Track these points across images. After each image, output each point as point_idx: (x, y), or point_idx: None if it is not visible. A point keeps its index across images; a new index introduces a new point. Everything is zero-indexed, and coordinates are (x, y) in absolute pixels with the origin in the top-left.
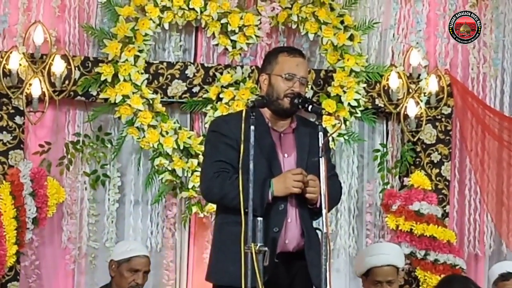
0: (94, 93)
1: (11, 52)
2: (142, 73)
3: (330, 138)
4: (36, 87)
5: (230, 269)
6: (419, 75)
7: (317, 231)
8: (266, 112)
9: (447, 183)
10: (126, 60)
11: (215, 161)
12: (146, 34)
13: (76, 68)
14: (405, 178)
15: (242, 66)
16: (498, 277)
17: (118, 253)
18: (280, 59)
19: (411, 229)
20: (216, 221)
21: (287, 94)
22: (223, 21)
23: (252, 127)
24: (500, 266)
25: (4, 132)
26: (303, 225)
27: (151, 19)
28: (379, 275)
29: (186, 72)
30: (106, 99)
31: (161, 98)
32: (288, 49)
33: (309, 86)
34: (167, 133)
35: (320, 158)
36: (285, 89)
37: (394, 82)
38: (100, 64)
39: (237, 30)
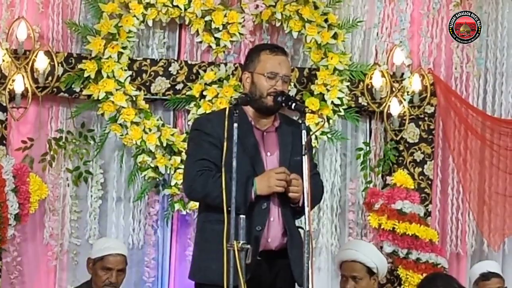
0: (77, 90)
1: None
2: (125, 70)
3: (313, 136)
4: (19, 83)
5: (213, 267)
6: (403, 74)
7: (300, 229)
8: (249, 110)
9: (429, 182)
10: (110, 56)
11: (198, 160)
12: (129, 31)
13: (60, 65)
14: (387, 177)
15: (225, 64)
16: (479, 277)
17: (94, 251)
18: (262, 57)
19: (394, 228)
20: (199, 219)
21: (270, 92)
22: (207, 18)
23: (236, 125)
24: (480, 266)
25: None
26: (286, 224)
27: (134, 16)
28: (344, 269)
29: (170, 69)
30: (89, 96)
31: (145, 95)
32: (270, 47)
33: (292, 84)
34: (150, 130)
35: (303, 156)
36: (268, 88)
37: (377, 80)
38: (84, 61)
39: (221, 28)
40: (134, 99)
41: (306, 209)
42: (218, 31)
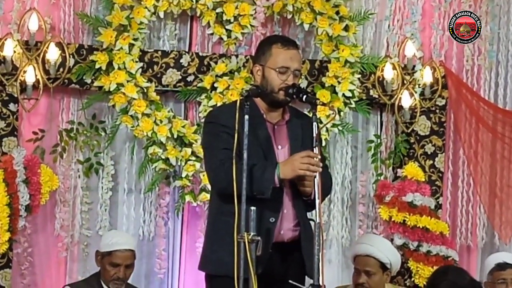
0: (89, 81)
1: (5, 39)
2: (136, 62)
3: (324, 129)
4: (30, 74)
5: (226, 259)
6: (414, 66)
7: (311, 221)
8: (260, 102)
9: (440, 175)
10: (121, 48)
11: (220, 150)
12: (141, 23)
13: (71, 56)
14: (398, 169)
15: (237, 56)
16: (494, 267)
17: (102, 245)
18: (274, 50)
19: (404, 220)
20: (211, 211)
21: (281, 88)
22: (218, 10)
23: (246, 117)
24: (496, 257)
25: None
26: (298, 216)
27: (146, 7)
28: (358, 263)
29: (181, 61)
30: (100, 87)
31: (156, 86)
32: (281, 40)
33: (303, 76)
34: (161, 121)
35: (314, 148)
36: (279, 83)
37: (388, 73)
38: (95, 52)
39: (232, 20)
40: (145, 90)
41: (317, 202)
42: (229, 23)
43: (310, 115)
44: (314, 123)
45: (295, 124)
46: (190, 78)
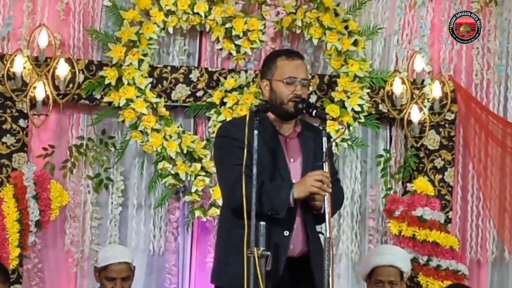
0: (98, 97)
1: (15, 55)
2: (146, 77)
3: (334, 143)
4: (40, 90)
5: (239, 272)
6: (423, 80)
7: (320, 235)
8: (270, 116)
9: (450, 189)
10: (130, 64)
11: (234, 166)
12: (150, 38)
13: (80, 72)
14: (408, 184)
15: (246, 71)
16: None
17: (99, 260)
18: (279, 63)
19: (414, 235)
20: (223, 225)
21: (290, 98)
22: (228, 25)
23: (256, 132)
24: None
25: (8, 135)
26: (308, 231)
27: (155, 23)
28: (381, 274)
29: (190, 76)
30: (110, 103)
31: (165, 102)
32: (285, 52)
33: (313, 91)
34: (170, 137)
35: (324, 163)
36: (288, 94)
37: (398, 87)
38: (104, 68)
39: (241, 35)
40: (155, 106)
41: (327, 216)
42: (238, 38)
43: (321, 129)
44: (324, 138)
45: (307, 136)
46: (199, 94)
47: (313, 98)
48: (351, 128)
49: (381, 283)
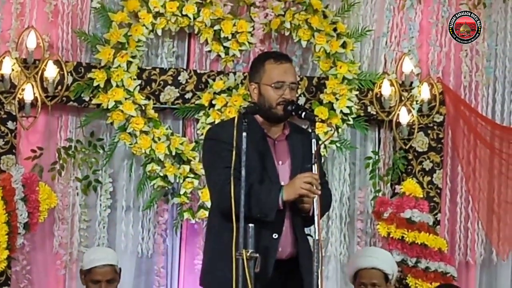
0: (87, 99)
1: (3, 57)
2: (134, 79)
3: (322, 146)
4: (28, 92)
5: (228, 275)
6: (412, 83)
7: (309, 237)
8: (259, 118)
9: (438, 191)
10: (119, 66)
11: (223, 169)
12: (139, 40)
13: (69, 74)
14: (396, 186)
15: (234, 73)
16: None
17: (84, 263)
18: (267, 67)
19: (403, 237)
20: (212, 226)
21: (279, 102)
22: (216, 27)
23: (244, 134)
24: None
25: None
26: (297, 233)
27: (144, 25)
28: (364, 277)
29: (179, 78)
30: (98, 105)
31: (154, 104)
32: (274, 56)
33: (301, 93)
34: (159, 139)
35: (313, 165)
36: (276, 98)
37: (386, 89)
38: (93, 70)
39: (230, 37)
40: (143, 108)
41: (316, 219)
42: (227, 40)
43: (310, 131)
44: (313, 140)
45: (296, 139)
46: (188, 96)
47: (301, 100)
48: (339, 130)
49: (364, 286)
